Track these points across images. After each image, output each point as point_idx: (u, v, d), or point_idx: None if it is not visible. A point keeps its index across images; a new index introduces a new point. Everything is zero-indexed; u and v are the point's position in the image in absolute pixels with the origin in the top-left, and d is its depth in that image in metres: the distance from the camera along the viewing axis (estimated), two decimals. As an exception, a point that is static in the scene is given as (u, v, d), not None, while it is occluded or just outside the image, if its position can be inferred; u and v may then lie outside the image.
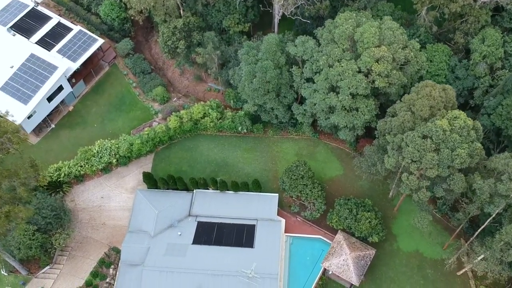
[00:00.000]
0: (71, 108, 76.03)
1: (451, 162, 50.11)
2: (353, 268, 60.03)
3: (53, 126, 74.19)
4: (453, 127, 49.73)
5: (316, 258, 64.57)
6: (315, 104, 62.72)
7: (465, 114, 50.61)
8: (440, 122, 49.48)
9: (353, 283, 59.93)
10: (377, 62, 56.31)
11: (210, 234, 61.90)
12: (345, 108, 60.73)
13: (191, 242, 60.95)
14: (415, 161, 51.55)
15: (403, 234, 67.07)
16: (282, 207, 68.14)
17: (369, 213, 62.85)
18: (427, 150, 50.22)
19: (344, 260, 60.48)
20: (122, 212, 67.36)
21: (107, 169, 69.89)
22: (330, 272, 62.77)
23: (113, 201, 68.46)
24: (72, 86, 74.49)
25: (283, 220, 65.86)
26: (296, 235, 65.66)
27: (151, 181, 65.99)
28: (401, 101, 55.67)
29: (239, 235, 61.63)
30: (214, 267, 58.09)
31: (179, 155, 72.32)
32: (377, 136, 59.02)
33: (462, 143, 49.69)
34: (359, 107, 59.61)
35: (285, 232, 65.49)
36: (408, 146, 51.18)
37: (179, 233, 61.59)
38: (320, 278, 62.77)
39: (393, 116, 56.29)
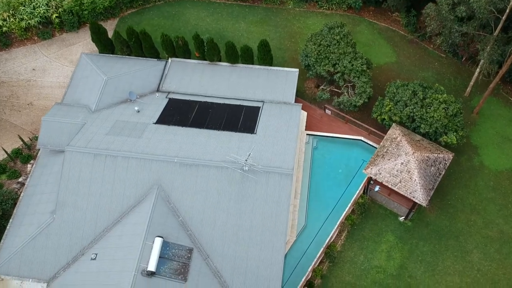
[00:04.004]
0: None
1: None
2: (419, 178, 36.01)
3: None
4: None
5: (352, 170, 41.04)
6: None
7: None
8: None
9: (418, 202, 35.87)
10: None
11: (186, 113, 38.50)
12: None
13: (154, 121, 37.45)
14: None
15: (489, 146, 43.12)
16: (303, 98, 44.62)
17: (444, 95, 38.85)
18: None
19: (404, 163, 36.47)
20: (60, 91, 44.41)
21: (46, 33, 47.01)
22: (377, 189, 38.82)
23: (50, 75, 45.57)
24: None
25: (304, 113, 42.23)
26: (323, 134, 41.90)
27: (102, 38, 42.71)
28: None
29: (234, 118, 38.13)
30: (185, 153, 34.45)
31: (155, 22, 49.20)
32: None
33: None
34: None
35: (307, 130, 41.90)
36: None
37: (136, 109, 38.21)
38: (360, 196, 38.77)
39: None
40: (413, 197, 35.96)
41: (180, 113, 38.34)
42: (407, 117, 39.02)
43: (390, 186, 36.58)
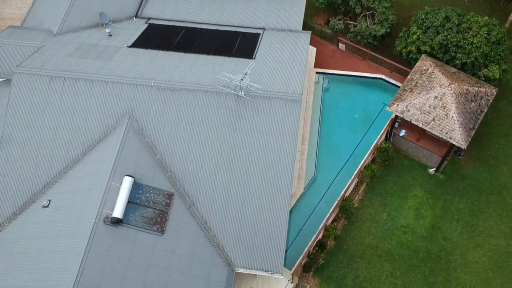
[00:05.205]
0: None
1: None
2: (457, 114, 28.92)
3: None
4: None
5: (371, 115, 34.04)
6: None
7: None
8: None
9: (457, 144, 28.76)
10: None
11: (169, 38, 31.33)
12: None
13: (129, 45, 30.29)
14: None
15: (533, 89, 35.97)
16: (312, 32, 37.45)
17: (486, 17, 31.75)
18: None
19: (438, 97, 29.36)
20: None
21: (9, -41, 39.87)
22: (403, 133, 31.71)
23: (11, 6, 38.67)
24: None
25: (313, 48, 35.13)
26: (336, 72, 34.83)
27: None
28: None
29: (227, 44, 31.04)
30: (165, 77, 27.26)
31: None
32: None
33: None
34: None
35: (316, 67, 34.84)
36: None
37: (107, 31, 31.04)
38: (383, 142, 31.63)
39: None
40: (450, 138, 28.86)
41: (162, 37, 31.27)
42: (440, 46, 31.90)
43: (421, 125, 29.50)
